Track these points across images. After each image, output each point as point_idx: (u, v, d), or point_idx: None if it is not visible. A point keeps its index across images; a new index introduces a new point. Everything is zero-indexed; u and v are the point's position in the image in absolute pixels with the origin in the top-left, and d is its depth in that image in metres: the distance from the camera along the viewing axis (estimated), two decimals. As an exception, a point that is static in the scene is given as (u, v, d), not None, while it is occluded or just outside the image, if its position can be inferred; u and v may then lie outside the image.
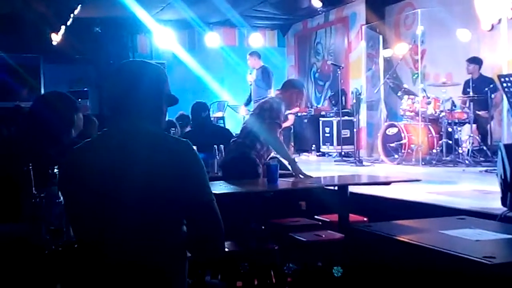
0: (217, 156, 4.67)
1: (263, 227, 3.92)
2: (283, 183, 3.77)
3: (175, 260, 1.80)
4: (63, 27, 10.33)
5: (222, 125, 10.82)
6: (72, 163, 1.83)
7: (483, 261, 1.91)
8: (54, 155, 2.55)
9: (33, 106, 2.79)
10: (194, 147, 1.85)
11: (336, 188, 4.02)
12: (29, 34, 10.19)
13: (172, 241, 1.77)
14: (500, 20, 8.06)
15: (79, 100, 7.06)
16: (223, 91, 11.67)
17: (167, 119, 4.01)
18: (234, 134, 7.12)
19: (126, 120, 1.83)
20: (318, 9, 10.20)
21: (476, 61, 7.91)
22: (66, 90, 9.11)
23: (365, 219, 4.06)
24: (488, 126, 7.66)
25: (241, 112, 9.57)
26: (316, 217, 4.26)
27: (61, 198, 2.15)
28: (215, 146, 4.71)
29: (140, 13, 9.75)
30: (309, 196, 4.26)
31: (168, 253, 1.77)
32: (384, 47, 9.86)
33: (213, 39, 11.33)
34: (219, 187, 3.48)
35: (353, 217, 4.01)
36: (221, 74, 11.68)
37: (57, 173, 2.09)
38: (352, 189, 4.15)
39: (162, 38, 10.86)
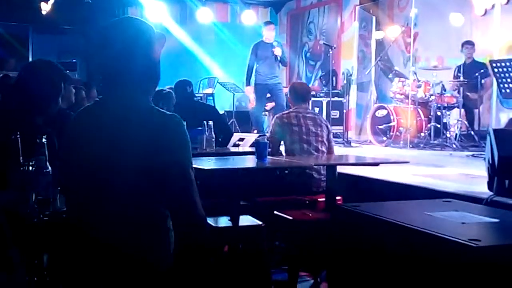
0: (206, 133, 4.64)
1: (250, 204, 3.93)
2: (272, 161, 3.77)
3: (158, 235, 1.79)
4: (52, -3, 10.17)
5: (211, 101, 10.78)
6: (70, 132, 1.83)
7: (468, 243, 1.92)
8: (42, 124, 2.53)
9: (19, 74, 2.75)
10: (184, 123, 1.84)
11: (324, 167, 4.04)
12: (18, 3, 10.03)
13: (156, 217, 1.76)
14: (493, 6, 8.04)
15: (67, 71, 6.98)
16: (214, 67, 11.61)
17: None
18: (220, 112, 7.15)
19: (120, 92, 1.79)
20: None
21: (472, 43, 7.91)
22: (55, 60, 9.01)
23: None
24: (477, 111, 7.70)
25: (247, 92, 9.21)
26: (303, 196, 4.27)
27: (49, 168, 2.14)
28: (204, 122, 4.68)
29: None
30: (297, 175, 4.27)
31: (152, 228, 1.76)
32: (377, 29, 9.84)
33: (205, 14, 11.21)
34: (207, 163, 3.48)
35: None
36: (213, 50, 11.58)
37: (45, 142, 2.07)
38: (340, 169, 4.17)
39: (153, 11, 10.73)
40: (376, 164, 4.06)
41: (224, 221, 3.51)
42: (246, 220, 3.58)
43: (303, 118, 4.46)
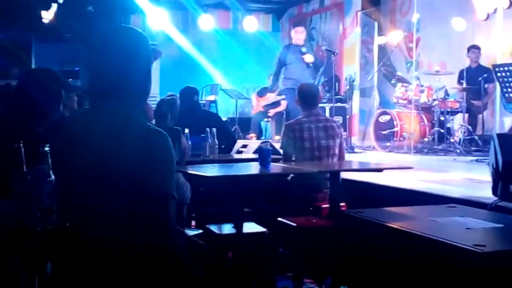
0: (209, 140, 4.64)
1: (254, 211, 3.92)
2: (275, 167, 3.77)
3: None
4: (54, 5, 10.19)
5: (214, 108, 10.79)
6: (62, 141, 1.82)
7: (473, 249, 1.91)
8: (43, 132, 2.53)
9: (19, 82, 2.75)
10: (186, 130, 1.83)
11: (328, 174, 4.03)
12: (20, 11, 10.05)
13: (134, 228, 1.72)
14: (495, 10, 8.04)
15: (70, 80, 6.99)
16: (217, 74, 11.62)
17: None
18: (223, 118, 7.11)
19: (111, 103, 1.76)
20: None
21: (478, 47, 7.89)
22: (57, 69, 9.03)
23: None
24: (480, 116, 7.68)
25: (270, 98, 8.94)
26: (307, 202, 4.26)
27: (52, 177, 2.14)
28: (207, 129, 4.68)
29: (133, -8, 9.66)
30: (301, 181, 4.26)
31: (128, 240, 1.72)
32: (379, 34, 9.84)
33: (207, 21, 11.24)
34: (211, 170, 3.47)
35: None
36: (215, 57, 11.60)
37: (48, 151, 2.07)
38: (343, 175, 4.16)
39: (155, 19, 10.77)
40: (380, 170, 4.05)
41: (228, 228, 3.51)
42: (250, 227, 3.58)
43: (315, 130, 4.35)
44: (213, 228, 3.54)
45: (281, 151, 4.46)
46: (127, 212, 1.69)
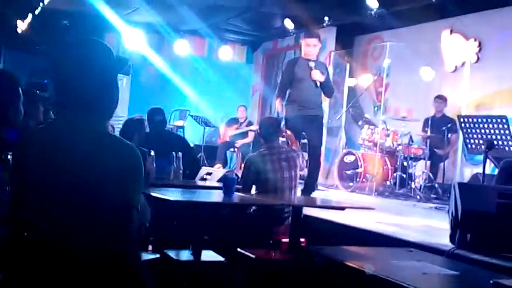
0: (174, 164, 4.60)
1: (214, 240, 3.88)
2: (239, 197, 3.76)
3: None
4: (30, 15, 10.10)
5: (181, 134, 10.75)
6: (21, 152, 1.79)
7: (430, 294, 1.93)
8: (6, 136, 2.46)
9: None
10: (152, 153, 1.83)
11: (290, 208, 4.03)
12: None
13: (104, 242, 1.70)
14: (464, 63, 8.31)
15: (38, 92, 6.88)
16: (188, 99, 11.62)
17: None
18: (191, 144, 7.02)
19: (73, 113, 1.75)
20: (290, 30, 10.29)
21: (444, 98, 8.09)
22: (26, 80, 8.88)
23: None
24: (442, 164, 7.84)
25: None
26: (267, 235, 4.25)
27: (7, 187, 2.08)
28: (173, 153, 4.65)
29: (109, 13, 9.63)
30: (263, 213, 4.25)
31: (100, 254, 1.70)
32: (350, 76, 10.02)
33: (182, 46, 11.29)
34: (173, 194, 3.44)
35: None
36: (188, 82, 11.61)
37: (10, 159, 2.02)
38: (305, 211, 4.17)
39: (131, 39, 10.76)
40: (342, 208, 4.08)
41: (186, 255, 3.47)
42: (208, 255, 3.54)
43: (277, 162, 4.39)
44: (171, 253, 3.48)
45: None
46: (91, 222, 1.68)
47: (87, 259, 1.68)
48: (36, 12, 9.82)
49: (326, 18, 9.48)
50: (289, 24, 9.88)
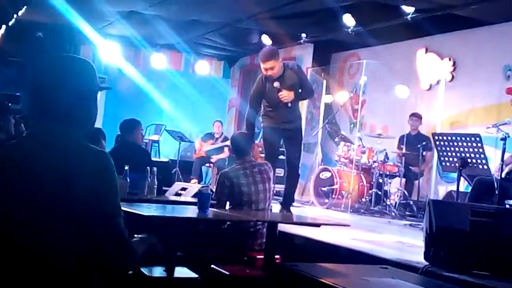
0: (149, 179, 4.53)
1: (187, 256, 3.82)
2: (213, 213, 3.71)
3: (82, 273, 1.75)
4: (4, 27, 9.96)
5: (156, 149, 10.66)
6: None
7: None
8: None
9: None
10: (126, 167, 1.82)
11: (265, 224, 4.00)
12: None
13: (81, 254, 1.73)
14: (438, 82, 8.42)
15: (9, 104, 6.75)
16: (164, 113, 11.55)
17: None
18: (164, 160, 6.87)
19: (48, 125, 1.77)
20: (267, 46, 10.33)
21: (419, 116, 8.17)
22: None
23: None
24: (417, 182, 7.90)
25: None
26: (242, 251, 4.20)
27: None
28: (148, 168, 4.58)
29: (84, 25, 9.55)
30: (237, 229, 4.21)
31: (75, 266, 1.72)
32: (327, 93, 10.08)
33: (159, 60, 11.25)
34: (147, 209, 3.38)
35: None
36: (165, 95, 11.55)
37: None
38: (280, 227, 4.14)
39: (106, 52, 10.68)
40: (318, 225, 4.06)
41: (158, 271, 3.40)
42: (181, 272, 3.49)
43: (251, 176, 4.38)
44: (143, 270, 3.42)
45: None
46: (76, 235, 1.71)
47: (67, 270, 1.70)
48: (10, 23, 9.69)
49: (304, 35, 9.55)
50: (266, 40, 9.91)
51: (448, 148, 4.94)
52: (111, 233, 1.74)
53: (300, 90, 5.73)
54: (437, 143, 5.07)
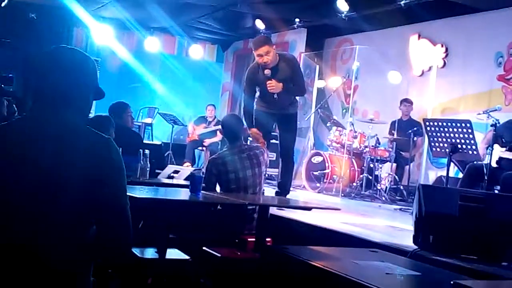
0: (141, 161, 4.55)
1: (179, 238, 3.86)
2: (205, 196, 3.74)
3: (80, 259, 1.76)
4: (-4, 8, 9.88)
5: (149, 132, 10.67)
6: None
7: (392, 293, 1.96)
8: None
9: None
10: (120, 149, 1.83)
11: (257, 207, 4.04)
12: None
13: (80, 240, 1.74)
14: (430, 68, 8.45)
15: (2, 85, 6.73)
16: (157, 96, 11.54)
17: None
18: (157, 143, 6.85)
19: (50, 109, 1.78)
20: (261, 31, 10.30)
21: (410, 101, 8.20)
22: (-9, 73, 8.68)
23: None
24: (407, 167, 7.96)
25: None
26: (233, 234, 4.25)
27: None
28: (140, 150, 4.60)
29: (77, 8, 9.49)
30: (229, 212, 4.24)
31: (74, 251, 1.73)
32: (319, 78, 10.09)
33: (152, 44, 11.21)
34: (139, 192, 3.41)
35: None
36: (158, 79, 11.53)
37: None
38: (272, 210, 4.18)
39: (100, 34, 10.62)
40: (309, 209, 4.10)
41: (150, 253, 3.44)
42: (173, 253, 3.52)
43: (239, 162, 4.32)
44: (135, 251, 3.45)
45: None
46: (80, 222, 1.72)
47: (62, 257, 1.69)
48: (3, 4, 9.61)
49: (297, 20, 9.53)
50: (260, 24, 9.90)
51: (438, 134, 4.98)
52: (118, 223, 1.75)
53: (292, 85, 5.62)
54: (428, 128, 5.11)
